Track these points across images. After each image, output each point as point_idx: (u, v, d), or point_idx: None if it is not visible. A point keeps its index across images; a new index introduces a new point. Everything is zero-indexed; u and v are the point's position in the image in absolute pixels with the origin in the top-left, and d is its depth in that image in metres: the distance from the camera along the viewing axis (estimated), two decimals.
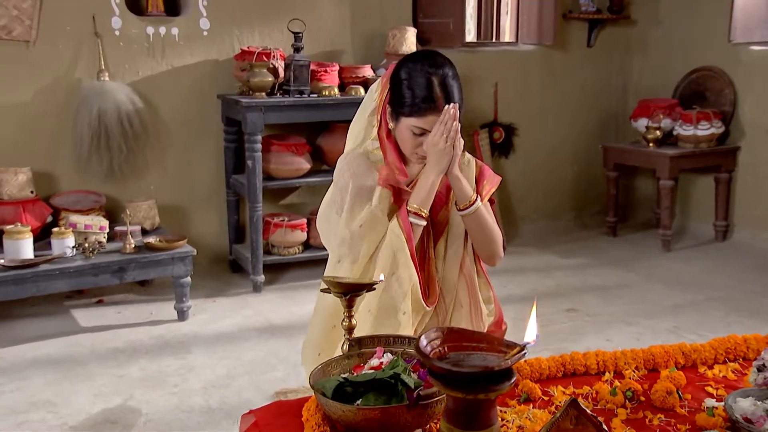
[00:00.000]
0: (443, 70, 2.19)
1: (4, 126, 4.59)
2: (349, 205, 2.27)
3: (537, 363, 1.85)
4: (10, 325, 4.33)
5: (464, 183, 2.26)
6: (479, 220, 2.29)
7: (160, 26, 4.89)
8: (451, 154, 2.18)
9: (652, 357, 1.89)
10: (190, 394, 3.46)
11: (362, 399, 1.45)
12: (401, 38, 5.14)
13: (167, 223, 4.96)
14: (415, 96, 2.16)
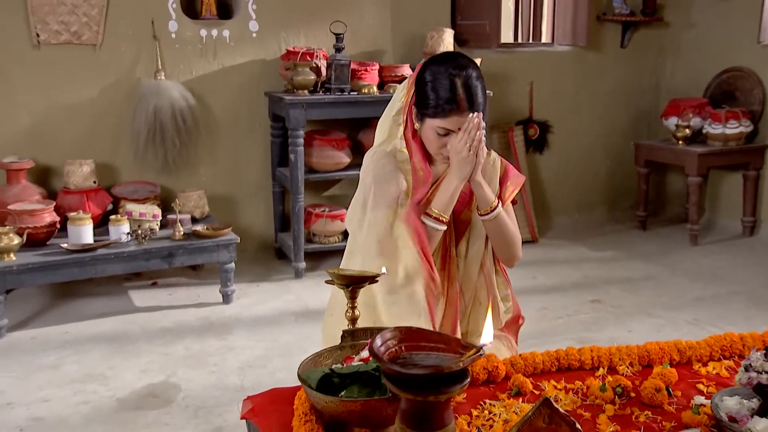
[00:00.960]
0: (466, 72, 2.10)
1: (74, 122, 4.66)
2: (372, 210, 2.21)
3: (531, 357, 1.77)
4: (76, 303, 4.41)
5: (486, 189, 2.18)
6: (500, 224, 2.22)
7: (212, 29, 4.90)
8: (473, 162, 2.11)
9: (647, 353, 1.81)
10: (228, 374, 3.46)
11: (346, 391, 1.40)
12: (439, 39, 5.06)
13: (217, 212, 4.98)
14: (438, 97, 2.08)
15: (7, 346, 3.82)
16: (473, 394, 1.65)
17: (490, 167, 2.30)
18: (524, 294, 4.45)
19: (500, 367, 1.71)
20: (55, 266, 3.96)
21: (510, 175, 2.33)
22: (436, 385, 0.93)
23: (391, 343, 0.96)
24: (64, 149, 4.62)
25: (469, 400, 1.62)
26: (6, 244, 3.89)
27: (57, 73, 4.59)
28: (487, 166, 2.29)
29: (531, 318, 4.07)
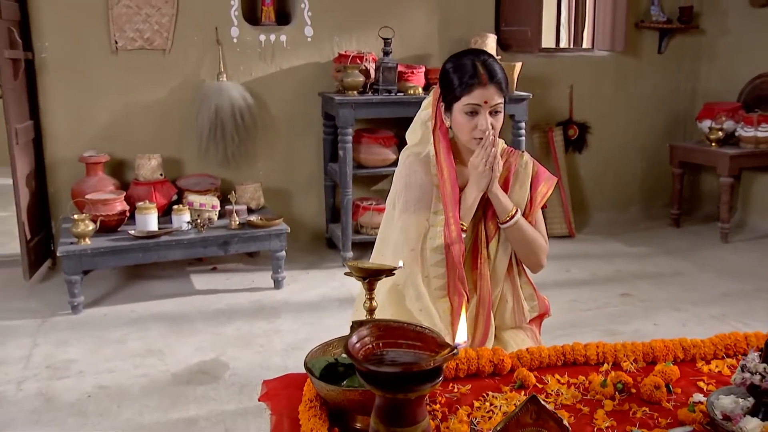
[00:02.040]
0: (484, 56, 2.11)
1: (145, 120, 4.74)
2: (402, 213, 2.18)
3: (537, 351, 1.71)
4: (144, 285, 4.48)
5: (503, 199, 2.13)
6: (519, 232, 2.16)
7: (270, 34, 4.91)
8: (489, 176, 2.09)
9: (652, 350, 1.73)
10: (272, 354, 3.47)
11: (347, 380, 1.38)
12: (482, 44, 4.97)
13: (273, 203, 5.01)
14: (461, 77, 2.05)
15: (82, 321, 3.92)
16: (478, 385, 1.61)
17: (522, 169, 2.23)
18: (556, 286, 4.38)
19: (506, 361, 1.66)
20: (123, 251, 4.04)
21: (542, 177, 2.25)
22: (406, 383, 0.89)
23: (368, 339, 0.93)
24: (136, 144, 4.70)
25: (473, 392, 1.58)
26: (82, 229, 3.98)
27: (131, 76, 4.67)
28: (520, 168, 2.23)
29: (561, 309, 4.02)
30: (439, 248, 2.11)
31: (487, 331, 2.18)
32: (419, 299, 2.11)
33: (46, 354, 3.50)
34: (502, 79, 2.08)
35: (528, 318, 2.31)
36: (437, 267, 2.12)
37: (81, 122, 4.62)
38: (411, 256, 2.13)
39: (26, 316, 3.97)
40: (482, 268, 2.17)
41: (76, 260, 3.94)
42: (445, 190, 2.14)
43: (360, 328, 0.96)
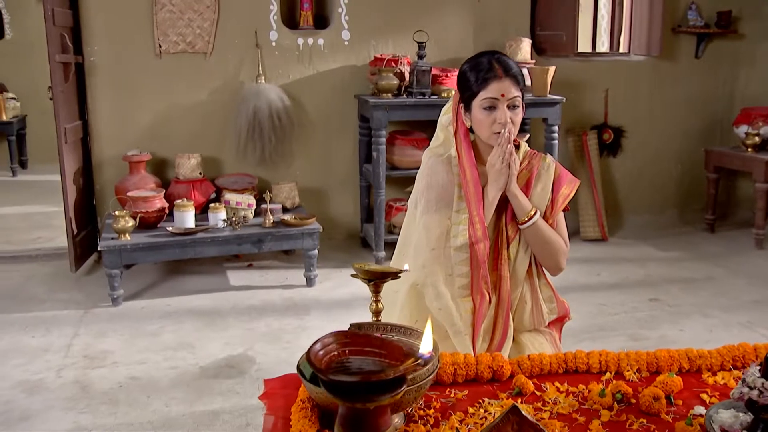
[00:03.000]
0: (498, 54, 2.12)
1: (186, 120, 4.80)
2: (423, 213, 2.16)
3: (539, 358, 1.66)
4: (181, 280, 4.54)
5: (522, 199, 2.10)
6: (538, 233, 2.11)
7: (308, 38, 4.92)
8: (506, 174, 2.07)
9: (656, 360, 1.67)
10: (298, 351, 3.44)
11: None
12: (516, 48, 4.91)
13: (309, 203, 5.02)
14: (477, 73, 2.05)
15: (121, 314, 3.98)
16: (475, 391, 1.57)
17: (544, 171, 2.19)
18: (585, 290, 4.29)
19: (505, 367, 1.62)
20: (160, 246, 4.09)
21: (564, 179, 2.20)
22: (364, 393, 0.86)
23: (333, 347, 0.91)
24: (177, 144, 4.76)
25: (470, 398, 1.55)
26: (122, 225, 4.05)
27: (174, 79, 4.73)
28: (542, 171, 2.18)
29: (588, 313, 3.94)
30: (463, 247, 2.09)
31: (506, 333, 2.14)
32: (438, 298, 2.09)
33: (85, 344, 3.57)
34: (518, 73, 2.08)
35: (546, 320, 2.26)
36: (461, 266, 2.10)
37: (126, 122, 4.70)
38: (432, 256, 2.12)
39: (70, 307, 4.06)
40: (502, 269, 2.14)
41: (116, 255, 4.01)
42: (468, 190, 2.11)
43: (325, 336, 0.94)
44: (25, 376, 3.23)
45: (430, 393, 1.56)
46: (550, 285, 2.26)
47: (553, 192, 2.17)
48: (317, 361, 0.87)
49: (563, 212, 2.22)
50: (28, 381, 3.18)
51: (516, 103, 2.07)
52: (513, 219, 2.16)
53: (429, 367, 1.35)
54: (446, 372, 1.59)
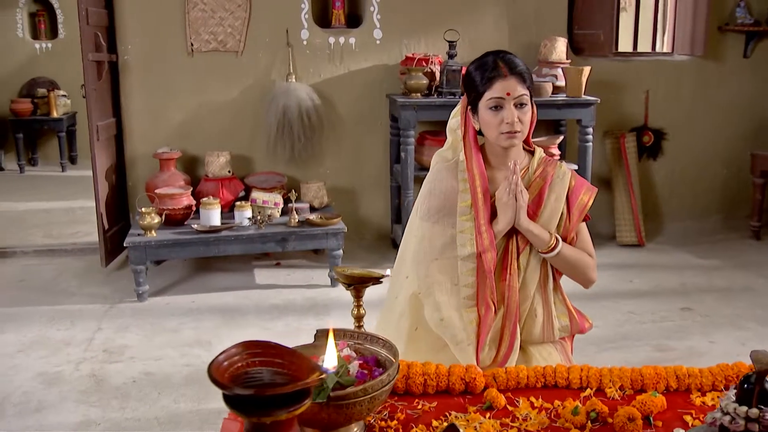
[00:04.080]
0: (503, 52, 2.06)
1: (217, 119, 4.84)
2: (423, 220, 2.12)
3: (515, 371, 1.60)
4: (208, 276, 4.58)
5: (537, 231, 2.02)
6: (563, 259, 2.06)
7: (340, 36, 4.91)
8: (513, 206, 1.99)
9: (641, 377, 1.59)
10: None
11: None
12: (551, 47, 4.80)
13: (340, 202, 5.01)
14: (482, 74, 2.00)
15: (145, 309, 4.04)
16: (444, 403, 1.52)
17: (559, 180, 2.10)
18: (615, 296, 4.17)
19: (478, 380, 1.56)
20: (185, 244, 4.13)
21: (581, 190, 2.11)
22: (260, 407, 0.83)
23: (237, 358, 0.88)
24: (208, 142, 4.81)
25: (437, 410, 1.50)
26: (148, 222, 4.10)
27: (205, 77, 4.78)
28: (556, 179, 2.10)
29: (614, 321, 3.82)
30: (470, 257, 2.03)
31: (512, 345, 2.06)
32: (438, 310, 2.04)
33: (106, 338, 3.63)
34: (524, 71, 2.02)
35: (557, 336, 2.17)
36: (467, 276, 2.04)
37: (157, 120, 4.77)
38: (436, 266, 2.06)
39: (97, 301, 4.14)
40: (511, 279, 2.07)
41: (142, 251, 4.07)
42: (477, 197, 2.05)
43: (232, 346, 0.91)
44: (45, 368, 3.30)
45: (397, 403, 1.52)
46: (565, 302, 2.18)
47: (569, 202, 2.09)
48: (217, 371, 0.84)
49: (585, 222, 2.15)
50: (48, 373, 3.25)
51: (523, 102, 2.01)
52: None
53: (383, 377, 1.31)
54: (415, 382, 1.55)
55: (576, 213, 2.09)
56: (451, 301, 2.04)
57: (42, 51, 8.54)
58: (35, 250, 5.03)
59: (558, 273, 2.16)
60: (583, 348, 3.39)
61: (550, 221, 2.07)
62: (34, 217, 6.15)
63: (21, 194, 7.13)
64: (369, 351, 1.48)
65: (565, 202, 2.09)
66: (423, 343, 2.09)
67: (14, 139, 8.17)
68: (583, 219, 2.12)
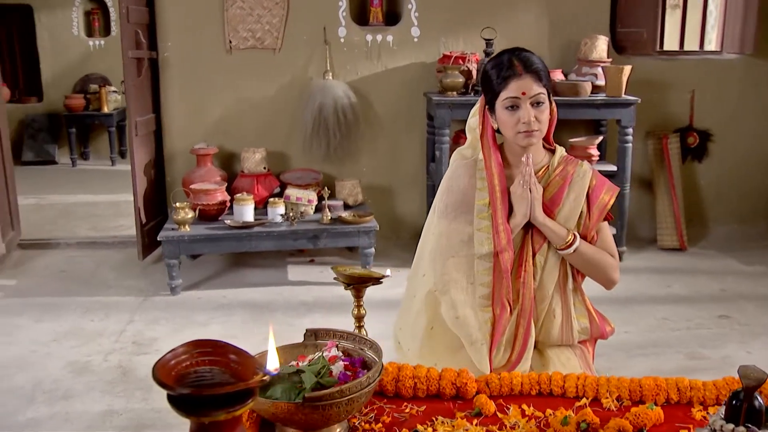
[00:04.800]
0: (520, 50, 2.02)
1: (254, 115, 4.89)
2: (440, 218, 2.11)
3: (509, 377, 1.56)
4: (243, 272, 4.64)
5: (553, 227, 2.00)
6: (581, 257, 2.02)
7: (377, 34, 4.91)
8: (527, 198, 1.98)
9: (640, 388, 1.53)
10: None
11: (270, 390, 1.32)
12: (592, 46, 4.70)
13: (375, 200, 5.01)
14: (498, 73, 1.98)
15: (177, 303, 4.11)
16: (433, 408, 1.50)
17: (579, 179, 2.07)
18: (649, 301, 4.07)
19: (470, 385, 1.53)
20: (217, 239, 4.19)
21: (601, 189, 2.07)
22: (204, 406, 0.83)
23: (185, 357, 0.88)
24: (245, 138, 4.86)
25: (426, 414, 1.47)
26: (182, 217, 4.17)
27: (243, 74, 4.83)
28: (576, 177, 2.07)
29: (647, 327, 3.73)
30: (487, 256, 2.00)
31: (526, 343, 2.03)
32: (453, 308, 2.02)
33: (137, 330, 3.71)
34: (541, 69, 1.98)
35: (576, 339, 2.13)
36: (484, 275, 2.02)
37: (196, 116, 4.84)
38: (452, 264, 2.05)
39: (132, 294, 4.23)
40: (526, 277, 2.04)
41: (175, 245, 4.14)
42: (495, 196, 2.03)
43: (181, 345, 0.91)
44: (76, 358, 3.38)
45: (385, 406, 1.50)
46: (586, 303, 2.13)
47: (589, 201, 2.06)
48: (163, 370, 0.84)
49: (608, 221, 2.11)
50: (78, 362, 3.33)
51: (540, 100, 1.97)
52: (540, 232, 2.06)
53: (362, 380, 1.30)
54: (405, 386, 1.53)
55: (596, 212, 2.05)
56: (466, 299, 2.02)
57: (95, 48, 8.77)
58: (78, 242, 5.17)
59: (580, 275, 2.12)
60: (610, 354, 3.33)
61: (568, 220, 2.04)
62: (82, 209, 6.32)
63: (71, 187, 7.35)
64: (357, 352, 1.47)
65: (585, 201, 2.05)
66: (440, 343, 2.07)
67: (67, 133, 8.42)
68: (604, 218, 2.09)
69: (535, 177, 2.01)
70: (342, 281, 1.81)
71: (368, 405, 1.49)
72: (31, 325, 3.78)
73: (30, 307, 4.00)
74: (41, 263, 4.80)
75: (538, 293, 2.06)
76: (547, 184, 2.06)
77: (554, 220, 2.03)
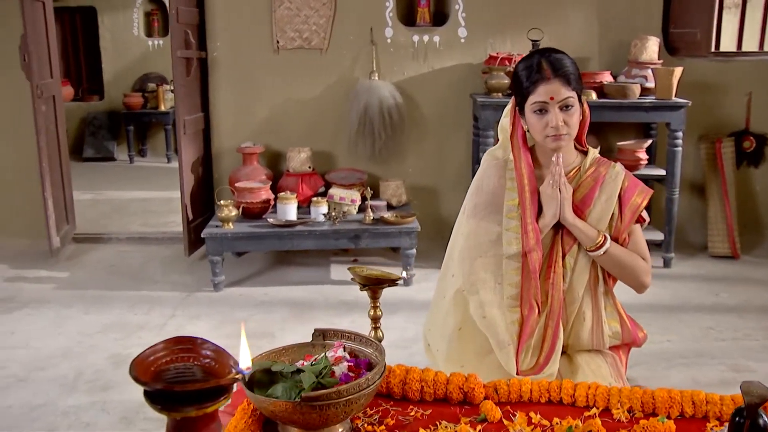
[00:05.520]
0: (551, 52, 2.01)
1: (301, 115, 4.95)
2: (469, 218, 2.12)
3: (518, 384, 1.54)
4: (285, 270, 4.69)
5: (583, 228, 1.99)
6: (611, 259, 2.01)
7: (424, 35, 4.90)
8: (557, 198, 1.98)
9: (653, 400, 1.50)
10: None
11: (271, 388, 1.34)
12: (642, 47, 4.60)
13: (421, 201, 5.02)
14: (528, 76, 1.98)
15: (219, 299, 4.19)
16: (439, 412, 1.49)
17: (611, 180, 2.06)
18: (695, 310, 3.96)
19: (477, 390, 1.52)
20: (259, 237, 4.25)
21: (633, 191, 2.06)
22: (178, 402, 0.85)
23: (162, 354, 0.90)
24: (291, 137, 4.92)
25: (431, 418, 1.47)
26: (226, 214, 4.25)
27: (290, 74, 4.89)
28: (608, 179, 2.06)
29: (690, 336, 3.63)
30: (515, 256, 2.01)
31: (554, 345, 2.02)
32: (481, 307, 2.02)
33: (178, 325, 3.79)
34: (571, 72, 1.97)
35: (607, 344, 2.11)
36: (512, 275, 2.02)
37: (243, 115, 4.92)
38: (480, 263, 2.05)
39: (177, 289, 4.33)
40: (555, 278, 2.03)
41: (218, 242, 4.22)
42: (524, 196, 2.04)
43: (160, 342, 0.93)
44: (118, 350, 3.48)
45: (391, 408, 1.50)
46: (617, 307, 2.11)
47: (621, 203, 2.04)
48: (140, 366, 0.86)
49: (640, 224, 2.09)
50: (120, 354, 3.43)
51: (569, 104, 1.96)
52: (570, 233, 2.05)
53: (360, 381, 1.30)
54: (412, 389, 1.53)
55: (628, 214, 2.04)
56: (494, 299, 2.02)
57: (154, 48, 9.00)
58: (129, 237, 5.32)
59: (611, 278, 2.10)
60: (650, 362, 3.26)
61: (599, 221, 2.03)
62: (135, 205, 6.50)
63: (127, 183, 7.57)
64: (365, 354, 1.48)
65: (617, 203, 2.04)
66: (469, 346, 2.07)
67: (125, 131, 8.66)
68: (637, 221, 2.06)
69: (566, 178, 2.01)
70: (358, 282, 1.82)
71: (374, 406, 1.50)
72: (80, 317, 3.90)
73: (79, 299, 4.14)
74: (93, 257, 4.95)
75: (568, 295, 2.05)
76: (578, 185, 2.05)
77: (585, 221, 2.02)
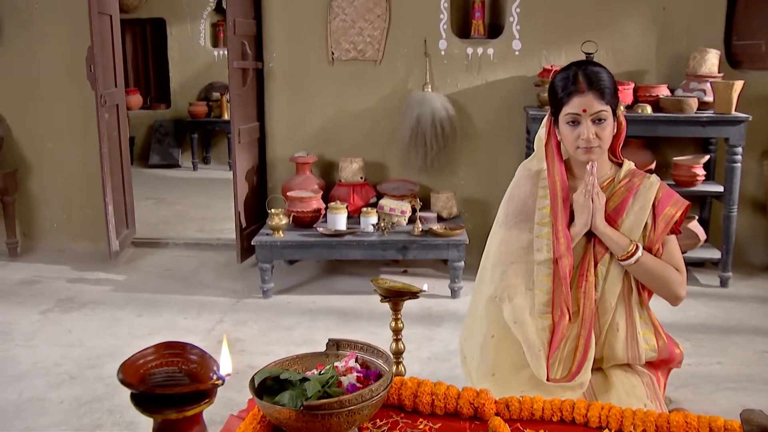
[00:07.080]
0: (587, 65, 2.04)
1: (354, 125, 5.02)
2: (501, 226, 2.16)
3: (529, 402, 1.55)
4: (335, 279, 4.76)
5: (614, 236, 2.01)
6: (643, 269, 2.02)
7: (478, 47, 4.91)
8: (589, 206, 2.01)
9: (668, 424, 1.47)
10: (413, 361, 3.47)
11: (279, 395, 1.38)
12: (701, 60, 4.49)
13: (472, 213, 5.02)
14: (563, 88, 2.01)
15: (267, 306, 4.28)
16: (449, 426, 1.51)
17: (645, 190, 2.08)
18: (750, 332, 3.84)
19: (488, 406, 1.53)
20: (309, 246, 4.33)
21: (668, 201, 2.07)
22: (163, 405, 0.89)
23: (151, 358, 0.95)
24: (345, 148, 4.99)
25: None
26: (276, 223, 4.35)
27: (344, 85, 4.97)
28: (642, 189, 2.08)
29: (743, 359, 3.52)
30: (546, 262, 2.05)
31: (586, 354, 2.02)
32: (513, 313, 2.05)
33: (224, 330, 3.89)
34: (607, 86, 1.99)
35: (644, 358, 2.09)
36: (543, 281, 2.06)
37: (297, 125, 5.02)
38: (512, 270, 2.08)
39: (227, 295, 4.44)
40: (587, 287, 2.05)
41: (268, 250, 4.31)
42: (556, 203, 2.07)
43: (150, 347, 0.98)
44: None
45: (402, 420, 1.53)
46: (653, 320, 2.12)
47: (654, 213, 2.05)
48: (129, 369, 0.91)
49: (675, 235, 2.09)
50: None
51: (601, 117, 2.00)
52: (602, 242, 2.06)
53: (363, 392, 1.33)
54: (422, 401, 1.55)
55: (661, 224, 2.04)
56: (525, 304, 2.05)
57: (219, 58, 9.24)
58: (185, 242, 5.48)
59: (648, 291, 2.10)
60: (697, 384, 3.18)
61: (632, 231, 2.04)
62: (194, 211, 6.69)
63: (189, 190, 7.80)
64: (376, 365, 1.51)
65: (651, 213, 2.05)
66: (503, 355, 2.06)
67: (190, 138, 8.93)
68: (671, 232, 2.06)
69: (599, 188, 2.02)
70: (379, 294, 1.86)
71: (383, 417, 1.52)
72: (132, 319, 4.05)
73: (133, 302, 4.29)
74: (150, 261, 5.13)
75: (601, 305, 2.06)
76: (611, 194, 2.08)
77: (617, 230, 2.04)
